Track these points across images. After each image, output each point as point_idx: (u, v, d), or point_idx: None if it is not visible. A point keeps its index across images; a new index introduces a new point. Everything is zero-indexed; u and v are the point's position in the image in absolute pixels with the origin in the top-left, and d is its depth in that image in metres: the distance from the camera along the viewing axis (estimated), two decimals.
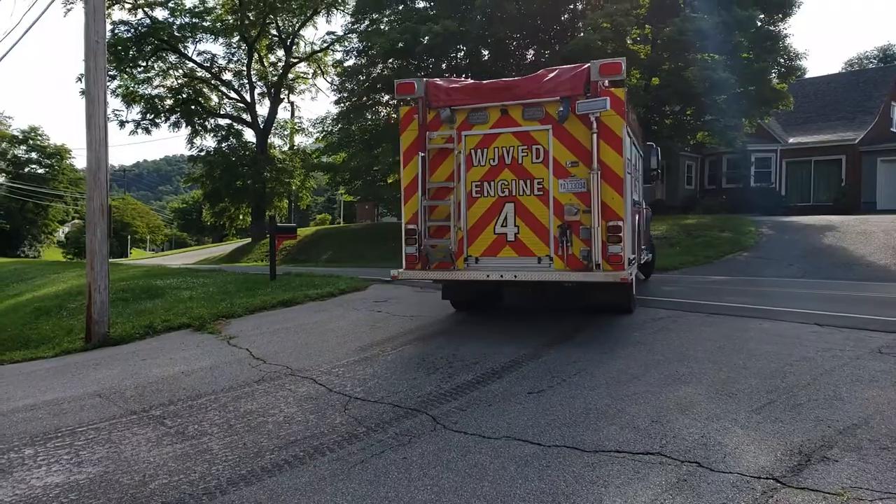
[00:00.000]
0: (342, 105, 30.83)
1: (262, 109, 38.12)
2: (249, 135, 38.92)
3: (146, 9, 33.76)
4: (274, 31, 36.75)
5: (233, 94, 38.46)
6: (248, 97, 37.72)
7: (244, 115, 38.52)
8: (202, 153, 37.58)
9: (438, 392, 4.92)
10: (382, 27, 28.60)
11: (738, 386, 4.69)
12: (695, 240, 17.22)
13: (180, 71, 37.27)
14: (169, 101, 36.77)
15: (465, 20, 25.32)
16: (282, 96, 38.11)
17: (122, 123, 36.04)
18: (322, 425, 4.32)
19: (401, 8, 28.92)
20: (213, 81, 37.96)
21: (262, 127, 37.32)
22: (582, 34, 23.70)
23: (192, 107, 37.14)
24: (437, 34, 23.78)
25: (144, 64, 35.34)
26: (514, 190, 7.05)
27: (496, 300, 8.92)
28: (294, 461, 3.74)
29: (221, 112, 38.96)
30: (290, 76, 38.30)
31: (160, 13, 34.30)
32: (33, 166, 73.84)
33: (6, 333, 11.60)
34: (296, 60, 38.13)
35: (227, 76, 38.19)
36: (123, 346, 7.72)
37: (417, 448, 3.86)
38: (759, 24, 23.75)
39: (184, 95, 37.06)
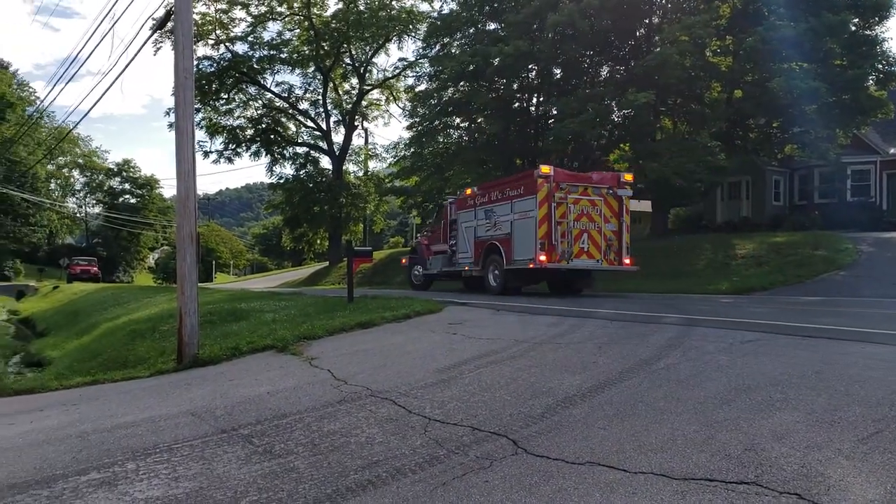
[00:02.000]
0: (414, 129, 31.41)
1: (338, 137, 39.39)
2: (326, 162, 40.26)
3: (227, 43, 35.61)
4: (348, 60, 37.96)
5: (309, 123, 39.94)
6: (323, 125, 39.02)
7: (320, 143, 39.83)
8: (281, 180, 39.12)
9: (518, 415, 4.88)
10: (453, 51, 29.04)
11: (840, 414, 4.40)
12: (785, 258, 16.44)
13: (260, 102, 39.04)
14: (249, 131, 38.51)
15: (537, 40, 25.35)
16: (356, 123, 39.25)
17: (206, 154, 38.06)
18: (403, 447, 4.35)
19: (471, 31, 29.33)
20: (290, 111, 39.49)
21: (337, 154, 38.45)
22: (658, 48, 23.27)
23: (271, 136, 38.73)
24: (507, 55, 23.92)
25: (226, 96, 37.18)
26: (587, 227, 14.29)
27: (572, 281, 15.82)
28: (377, 482, 3.78)
29: (299, 140, 40.47)
30: (364, 103, 39.40)
31: (240, 47, 36.15)
32: (126, 196, 78.58)
33: (106, 354, 12.32)
34: (369, 88, 39.19)
35: (304, 105, 39.72)
36: (212, 367, 8.03)
37: (499, 471, 3.83)
38: (854, 28, 22.54)
39: (263, 125, 38.71)
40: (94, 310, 22.53)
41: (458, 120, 30.72)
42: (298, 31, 36.69)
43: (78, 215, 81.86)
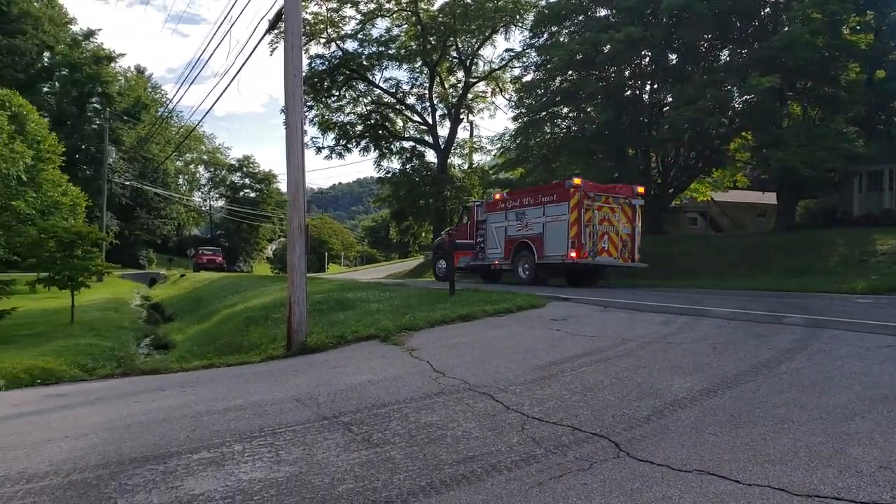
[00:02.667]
0: (520, 121, 31.08)
1: (443, 130, 39.75)
2: (431, 155, 40.77)
3: (338, 42, 36.78)
4: (454, 53, 38.16)
5: (416, 118, 40.52)
6: (429, 119, 39.49)
7: (426, 137, 40.37)
8: (388, 174, 40.03)
9: (622, 417, 4.65)
10: (561, 39, 28.44)
11: None
12: None
13: (368, 98, 40.06)
14: (359, 127, 39.64)
15: (650, 25, 24.33)
16: (461, 116, 39.43)
17: (318, 149, 39.59)
18: (499, 443, 4.25)
19: (581, 18, 28.58)
20: (397, 106, 40.28)
21: (442, 147, 38.80)
22: (787, 28, 21.65)
23: (379, 131, 39.69)
24: (619, 42, 23.09)
25: (337, 94, 38.42)
26: (608, 229, 16.79)
27: (590, 275, 18.53)
28: (472, 477, 3.70)
29: (405, 135, 41.25)
30: (470, 96, 39.50)
31: (350, 45, 37.20)
32: (247, 190, 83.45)
33: (223, 339, 13.08)
34: (475, 80, 39.24)
35: (411, 100, 40.40)
36: (318, 355, 8.28)
37: (599, 474, 3.64)
38: None
39: (371, 121, 39.74)
40: (215, 297, 24.03)
41: (565, 110, 30.07)
42: (406, 26, 37.28)
43: (203, 208, 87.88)
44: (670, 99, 26.00)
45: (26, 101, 39.95)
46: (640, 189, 18.11)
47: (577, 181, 16.64)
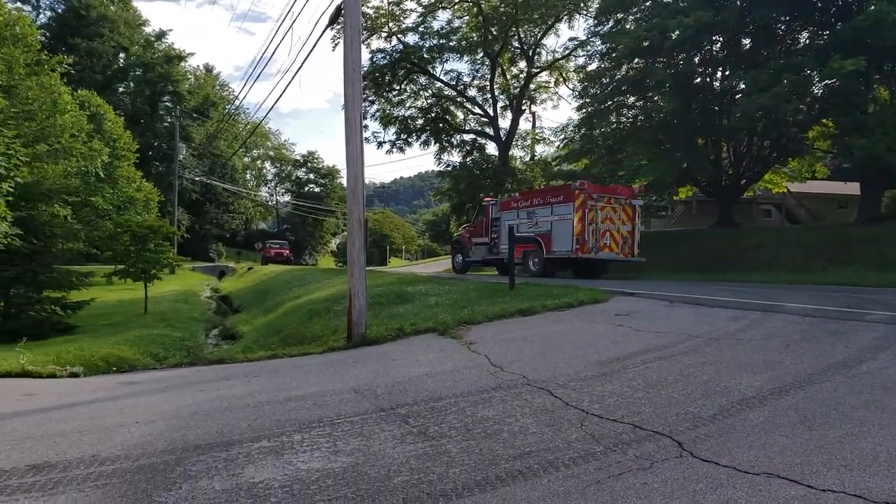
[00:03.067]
0: (584, 111, 30.50)
1: (504, 122, 39.36)
2: (492, 148, 40.47)
3: (399, 35, 36.90)
4: (516, 44, 37.73)
5: (476, 110, 40.32)
6: (490, 111, 39.22)
7: (487, 129, 40.11)
8: (448, 168, 39.97)
9: (686, 415, 4.47)
10: (627, 26, 27.67)
11: None
12: None
13: (429, 91, 40.08)
14: (419, 121, 39.69)
15: (721, 9, 23.36)
16: (523, 107, 38.95)
17: (379, 144, 39.85)
18: (557, 439, 4.16)
19: (647, 4, 27.70)
20: (458, 98, 40.15)
21: (503, 139, 38.46)
22: (873, 6, 20.39)
23: (440, 124, 39.67)
24: (688, 27, 22.26)
25: (398, 87, 38.58)
26: (609, 227, 18.28)
27: (593, 268, 19.71)
28: (528, 473, 3.64)
29: (466, 127, 41.08)
30: (532, 86, 38.98)
31: (411, 38, 37.26)
32: (311, 185, 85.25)
33: (287, 331, 13.38)
34: (537, 70, 38.69)
35: (472, 92, 40.16)
36: (377, 347, 8.35)
37: (660, 474, 3.51)
38: None
39: (432, 114, 39.74)
40: (280, 290, 24.63)
41: (631, 99, 29.28)
42: (467, 17, 37.08)
43: (269, 203, 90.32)
44: (743, 86, 24.87)
45: (103, 101, 42.06)
46: (640, 190, 20.68)
47: (581, 184, 18.51)
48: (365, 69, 31.61)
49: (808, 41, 25.07)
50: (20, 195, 14.17)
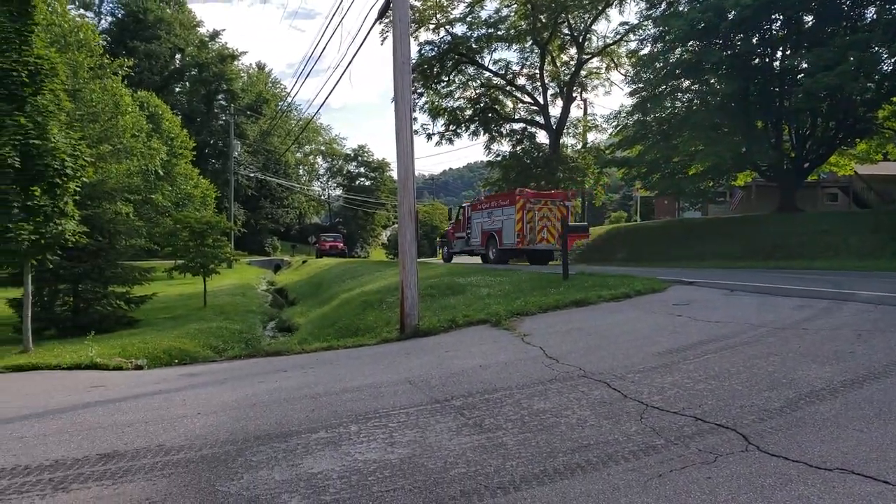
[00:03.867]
0: (637, 96, 29.80)
1: (555, 110, 38.79)
2: (542, 136, 39.97)
3: (447, 26, 36.71)
4: (565, 30, 37.09)
5: (526, 98, 39.84)
6: (540, 99, 38.69)
7: (537, 118, 39.62)
8: (498, 158, 39.65)
9: (751, 408, 4.31)
10: (681, 9, 26.84)
11: None
12: None
13: (478, 81, 39.79)
14: (468, 112, 39.48)
15: None
16: (574, 94, 38.28)
17: (429, 136, 39.80)
18: (616, 432, 4.07)
19: None
20: (507, 87, 39.75)
21: (554, 127, 37.94)
22: None
23: (489, 114, 39.36)
24: (745, 6, 21.44)
25: (447, 79, 38.42)
26: (547, 223, 22.43)
27: (541, 256, 24.79)
28: (586, 466, 3.57)
29: (515, 116, 40.65)
30: (583, 73, 38.27)
31: (459, 29, 37.03)
32: (362, 179, 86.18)
33: (342, 322, 13.55)
34: (588, 56, 37.96)
35: (521, 81, 39.68)
36: (430, 338, 8.36)
37: (725, 468, 3.39)
38: None
39: (481, 104, 39.46)
40: (334, 282, 24.99)
41: (686, 83, 28.44)
42: (515, 6, 36.58)
43: (322, 197, 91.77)
44: (805, 65, 23.83)
45: (161, 101, 43.40)
46: (572, 193, 28.05)
47: (521, 191, 23.63)
48: (413, 62, 31.76)
49: (874, 16, 23.80)
50: (86, 194, 14.69)
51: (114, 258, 16.90)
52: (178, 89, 68.46)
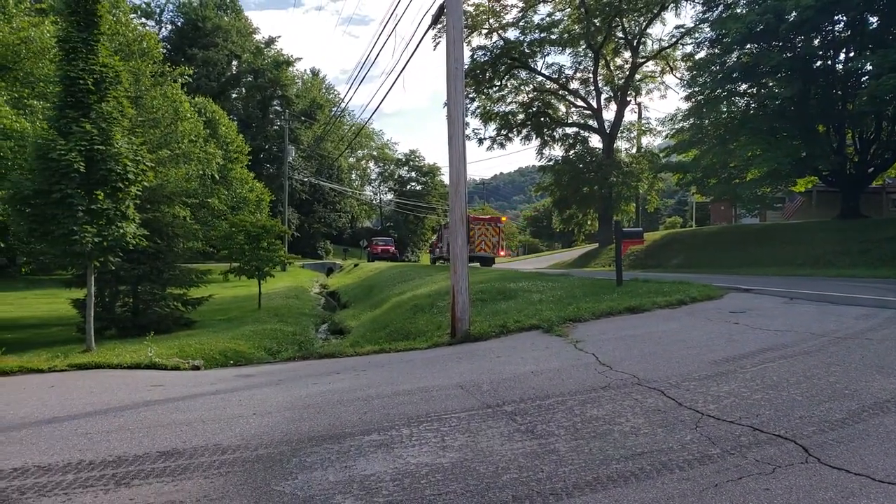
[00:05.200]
0: (693, 100, 29.19)
1: (608, 114, 38.26)
2: (595, 140, 39.46)
3: (500, 31, 36.69)
4: (619, 34, 36.60)
5: (579, 102, 39.43)
6: (594, 103, 38.23)
7: (590, 122, 39.16)
8: (550, 162, 39.36)
9: (811, 419, 4.20)
10: (738, 11, 26.18)
11: None
12: None
13: (530, 86, 39.59)
14: (520, 116, 39.30)
15: None
16: (628, 98, 37.67)
17: (480, 141, 39.80)
18: (670, 440, 4.03)
19: None
20: (560, 92, 39.42)
21: (608, 131, 37.43)
22: None
23: (542, 119, 39.10)
24: (806, 7, 20.78)
25: (499, 83, 38.36)
26: (484, 239, 31.33)
27: (483, 262, 31.05)
28: (640, 474, 3.55)
29: (568, 121, 40.26)
30: (637, 77, 37.62)
31: (512, 33, 36.95)
32: (413, 184, 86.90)
33: (393, 326, 13.69)
34: (643, 60, 37.35)
35: (574, 85, 39.31)
36: (481, 343, 8.38)
37: (783, 480, 3.33)
38: None
39: (533, 109, 39.22)
40: (385, 286, 25.22)
41: (744, 86, 27.73)
42: (569, 10, 36.33)
43: (374, 202, 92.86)
44: (870, 67, 22.92)
45: (218, 107, 44.69)
46: (503, 219, 36.61)
47: (469, 211, 26.26)
48: (465, 67, 32.22)
49: None
50: (146, 198, 15.25)
51: (172, 260, 17.39)
52: (234, 95, 70.39)
